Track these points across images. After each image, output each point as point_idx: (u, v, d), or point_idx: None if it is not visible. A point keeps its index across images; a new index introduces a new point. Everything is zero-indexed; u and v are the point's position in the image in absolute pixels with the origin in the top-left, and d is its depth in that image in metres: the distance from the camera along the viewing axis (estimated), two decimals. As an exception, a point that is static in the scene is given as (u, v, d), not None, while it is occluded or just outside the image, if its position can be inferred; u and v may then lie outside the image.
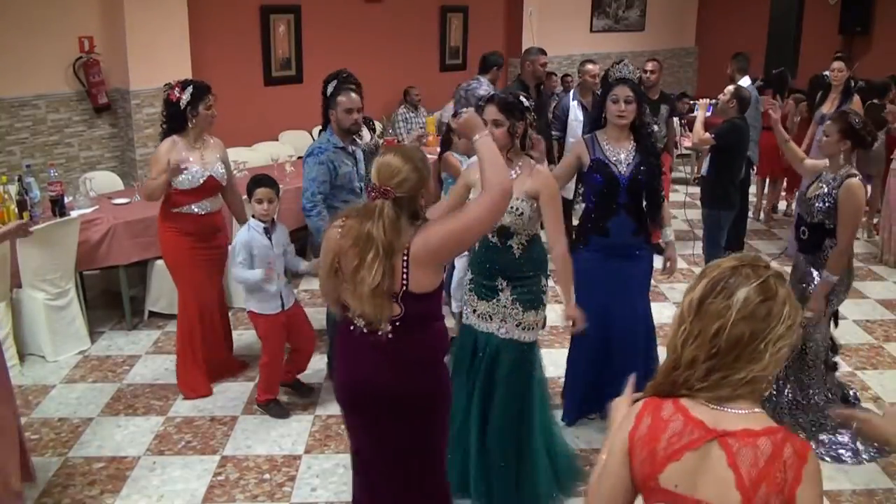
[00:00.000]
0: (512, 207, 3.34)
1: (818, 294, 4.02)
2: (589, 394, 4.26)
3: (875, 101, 8.08)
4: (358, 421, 2.81)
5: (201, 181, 4.49)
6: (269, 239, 4.29)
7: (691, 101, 6.73)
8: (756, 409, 1.63)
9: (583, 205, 4.30)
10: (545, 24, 10.80)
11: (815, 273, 4.10)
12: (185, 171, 4.42)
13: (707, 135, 5.77)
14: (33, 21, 6.62)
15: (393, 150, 2.65)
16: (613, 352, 4.12)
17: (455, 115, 2.99)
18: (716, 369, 1.61)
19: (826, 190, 3.99)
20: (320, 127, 5.31)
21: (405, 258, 2.55)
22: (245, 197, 4.53)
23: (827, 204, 3.96)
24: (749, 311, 1.58)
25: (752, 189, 8.76)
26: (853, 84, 7.27)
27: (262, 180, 4.29)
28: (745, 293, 1.59)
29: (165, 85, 4.54)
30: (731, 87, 5.90)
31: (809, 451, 1.60)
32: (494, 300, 3.52)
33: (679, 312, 1.68)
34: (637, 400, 1.77)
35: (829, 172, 4.07)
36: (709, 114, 6.07)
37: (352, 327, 2.68)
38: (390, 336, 2.62)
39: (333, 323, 4.99)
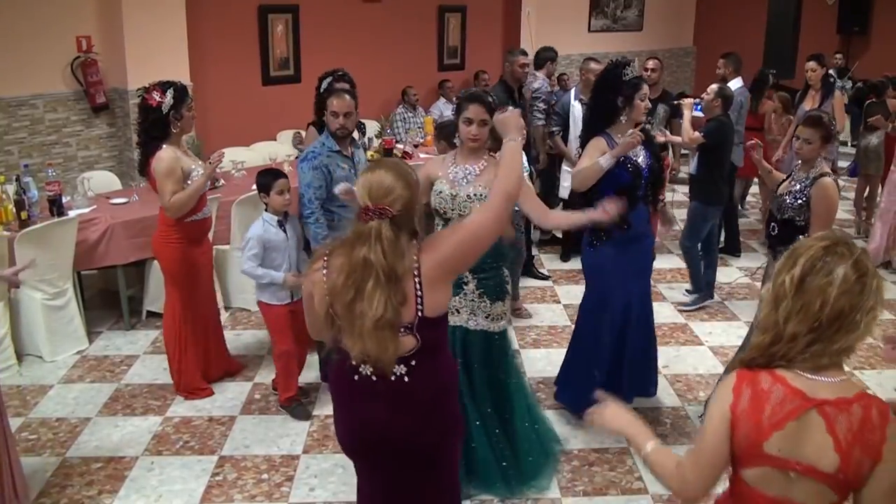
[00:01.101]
0: (478, 195, 3.49)
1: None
2: (600, 381, 4.22)
3: (874, 99, 8.10)
4: (370, 468, 2.58)
5: (207, 187, 4.46)
6: (284, 231, 4.28)
7: (675, 102, 6.70)
8: (843, 377, 1.79)
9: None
10: (543, 23, 10.80)
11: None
12: (194, 178, 4.32)
13: (696, 134, 5.82)
14: (31, 21, 6.61)
15: (381, 166, 2.40)
16: (628, 339, 4.27)
17: (502, 108, 2.95)
18: (817, 341, 1.75)
19: (798, 188, 3.99)
20: (310, 123, 5.33)
21: (417, 280, 2.32)
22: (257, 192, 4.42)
23: (799, 201, 3.96)
24: (848, 287, 1.72)
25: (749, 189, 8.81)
26: (833, 80, 7.29)
27: (277, 172, 4.29)
28: (843, 270, 1.73)
29: (139, 90, 4.35)
30: (714, 86, 5.97)
31: (888, 409, 1.76)
32: (461, 294, 3.58)
33: (774, 292, 1.80)
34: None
35: (802, 171, 4.06)
36: (696, 113, 6.11)
37: (356, 376, 2.40)
38: (406, 379, 2.37)
39: None
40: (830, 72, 8.15)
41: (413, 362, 2.37)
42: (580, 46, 11.49)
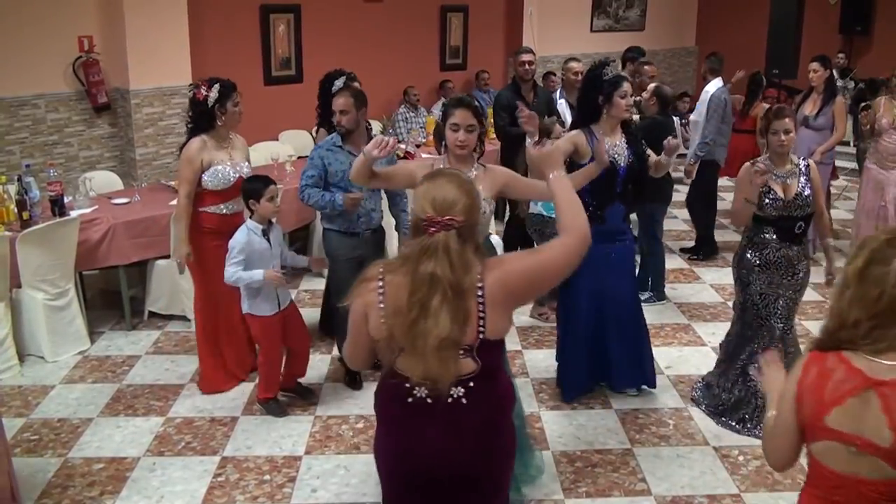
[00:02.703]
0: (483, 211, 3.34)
1: (832, 259, 4.35)
2: (590, 370, 4.58)
3: (869, 102, 8.07)
4: (417, 497, 2.40)
5: (232, 181, 4.47)
6: (268, 240, 4.29)
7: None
8: None
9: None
10: (545, 23, 10.79)
11: (804, 261, 4.27)
12: (216, 171, 4.41)
13: None
14: (33, 21, 6.60)
15: (440, 175, 2.33)
16: (605, 330, 4.48)
17: (537, 142, 2.84)
18: (877, 327, 1.89)
19: (802, 181, 4.15)
20: (319, 125, 5.36)
21: (480, 299, 2.21)
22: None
23: (809, 192, 4.14)
24: None
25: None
26: (835, 83, 7.25)
27: (266, 178, 4.31)
28: None
29: (191, 85, 4.55)
30: (652, 86, 6.05)
31: None
32: None
33: (842, 281, 1.97)
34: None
35: (779, 166, 4.15)
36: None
37: (410, 398, 2.28)
38: (464, 401, 2.26)
39: (330, 318, 4.98)
40: (834, 73, 8.12)
41: (471, 384, 2.27)
42: (582, 46, 11.47)
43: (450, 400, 2.26)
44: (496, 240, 4.03)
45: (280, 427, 4.35)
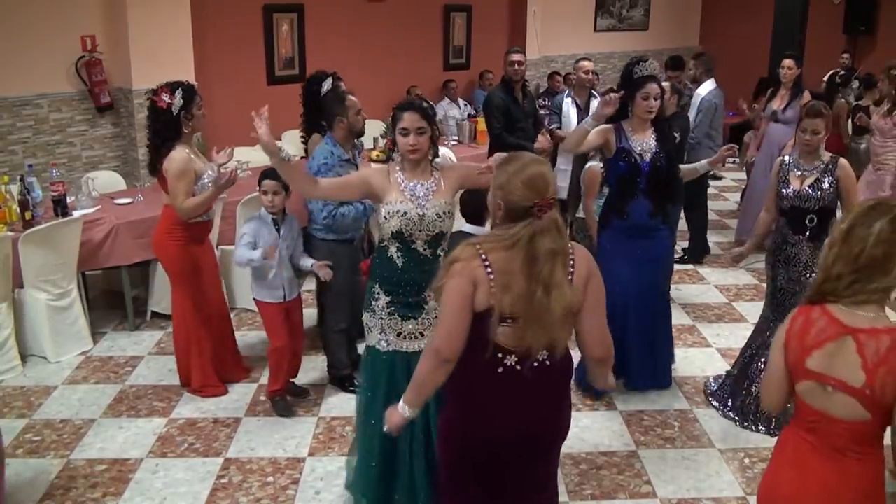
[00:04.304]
0: (449, 212, 3.25)
1: None
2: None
3: (860, 103, 8.08)
4: (498, 465, 2.52)
5: (209, 187, 4.44)
6: (278, 231, 4.30)
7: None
8: (881, 313, 2.17)
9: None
10: (549, 23, 10.77)
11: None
12: (203, 180, 4.36)
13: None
14: (35, 20, 6.59)
15: (521, 158, 2.44)
16: (627, 324, 4.42)
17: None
18: (857, 281, 2.16)
19: (817, 177, 4.19)
20: (312, 130, 5.25)
21: (571, 267, 2.40)
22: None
23: (832, 188, 4.17)
24: (884, 237, 2.13)
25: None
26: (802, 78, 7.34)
27: (268, 172, 4.29)
28: (880, 224, 2.14)
29: (147, 92, 4.37)
30: (664, 84, 6.05)
31: None
32: (422, 316, 3.29)
33: (830, 240, 2.24)
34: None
35: (807, 163, 4.25)
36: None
37: (500, 369, 2.40)
38: (547, 363, 2.43)
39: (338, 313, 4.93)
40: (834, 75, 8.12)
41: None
42: (586, 46, 11.46)
43: (535, 364, 2.41)
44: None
45: (283, 428, 4.34)
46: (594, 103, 6.18)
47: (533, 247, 2.32)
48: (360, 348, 4.43)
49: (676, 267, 6.77)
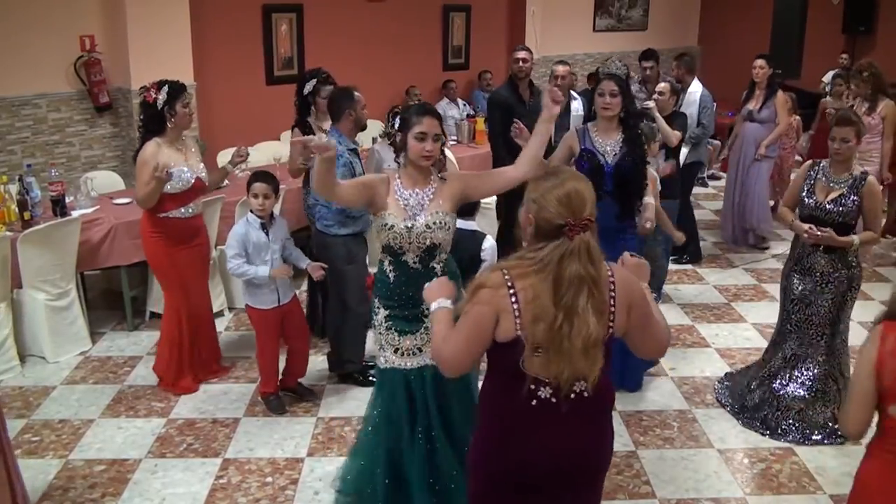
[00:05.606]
0: (442, 223, 3.14)
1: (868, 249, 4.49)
2: None
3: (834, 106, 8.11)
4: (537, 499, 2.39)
5: (191, 183, 4.47)
6: (266, 234, 4.29)
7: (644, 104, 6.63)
8: None
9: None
10: (548, 23, 10.77)
11: (841, 270, 4.20)
12: (176, 175, 4.38)
13: (678, 132, 5.90)
14: (34, 20, 6.59)
15: (561, 174, 2.29)
16: None
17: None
18: None
19: (843, 192, 4.10)
20: (294, 125, 5.31)
21: (612, 293, 2.27)
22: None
23: (854, 206, 4.08)
24: None
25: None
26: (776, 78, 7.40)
27: (259, 175, 4.31)
28: None
29: (141, 87, 4.50)
30: (663, 85, 6.11)
31: None
32: (420, 330, 3.22)
33: None
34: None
35: (837, 174, 4.14)
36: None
37: (534, 401, 2.26)
38: (585, 395, 2.28)
39: (335, 311, 4.93)
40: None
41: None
42: (585, 46, 11.47)
43: (572, 396, 2.27)
44: (490, 242, 3.94)
45: (282, 429, 4.33)
46: (574, 105, 6.21)
47: (560, 270, 2.17)
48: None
49: (676, 267, 6.78)
